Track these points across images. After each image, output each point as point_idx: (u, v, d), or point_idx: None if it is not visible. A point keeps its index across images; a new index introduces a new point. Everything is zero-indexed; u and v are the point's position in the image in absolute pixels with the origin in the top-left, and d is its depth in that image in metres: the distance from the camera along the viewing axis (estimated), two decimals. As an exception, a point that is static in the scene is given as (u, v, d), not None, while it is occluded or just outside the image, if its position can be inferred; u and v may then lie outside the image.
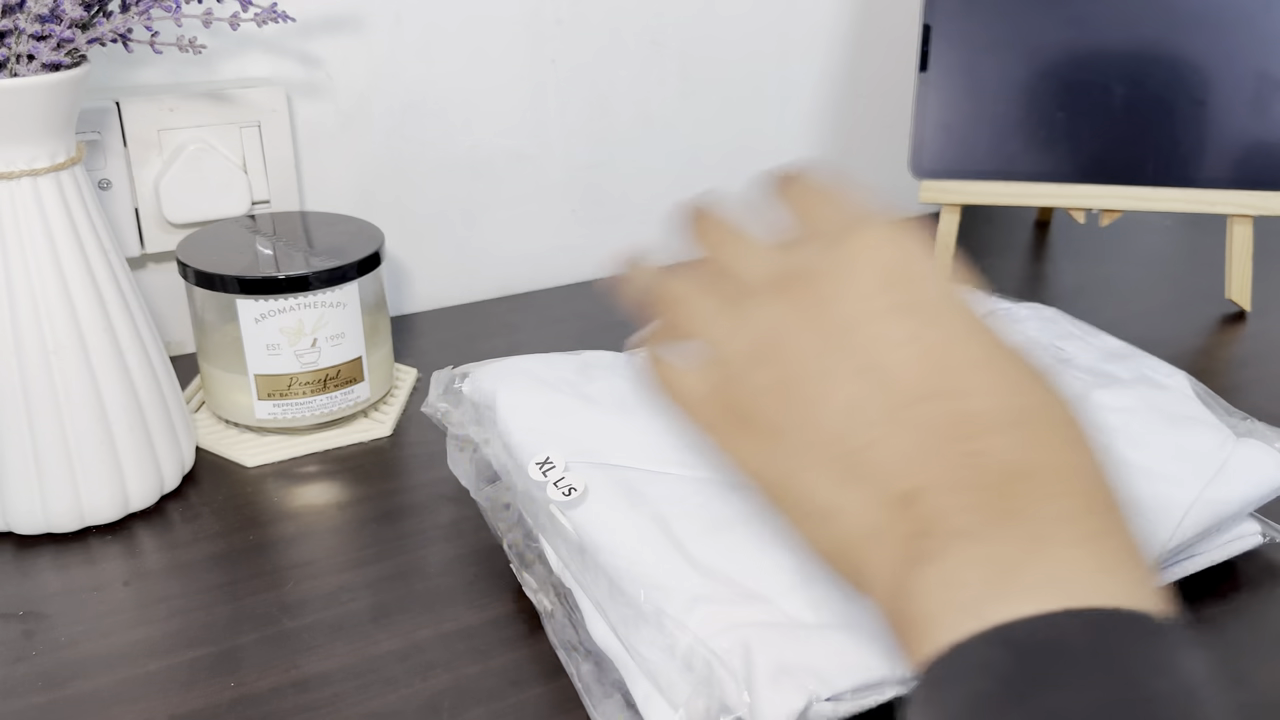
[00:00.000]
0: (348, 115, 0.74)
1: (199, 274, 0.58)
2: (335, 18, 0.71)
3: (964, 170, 0.76)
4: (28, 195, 0.49)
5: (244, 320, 0.58)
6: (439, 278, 0.81)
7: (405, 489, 0.57)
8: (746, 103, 0.88)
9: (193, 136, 0.67)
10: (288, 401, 0.60)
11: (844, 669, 0.37)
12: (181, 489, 0.57)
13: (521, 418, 0.49)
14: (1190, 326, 0.76)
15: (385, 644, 0.46)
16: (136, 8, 0.52)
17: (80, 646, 0.46)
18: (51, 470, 0.51)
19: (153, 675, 0.44)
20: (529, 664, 0.45)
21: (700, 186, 0.89)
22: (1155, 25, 0.73)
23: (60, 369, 0.50)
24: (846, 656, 0.38)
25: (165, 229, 0.68)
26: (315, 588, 0.49)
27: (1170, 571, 0.48)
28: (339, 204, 0.75)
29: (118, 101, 0.65)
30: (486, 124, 0.78)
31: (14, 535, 0.53)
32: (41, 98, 0.48)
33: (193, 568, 0.51)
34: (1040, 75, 0.75)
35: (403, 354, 0.72)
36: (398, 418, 0.64)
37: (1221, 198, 0.74)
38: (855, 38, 0.90)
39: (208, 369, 0.61)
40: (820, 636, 0.38)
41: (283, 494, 0.57)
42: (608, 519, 0.43)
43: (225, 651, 0.45)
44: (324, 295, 0.58)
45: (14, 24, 0.47)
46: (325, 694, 0.43)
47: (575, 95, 0.81)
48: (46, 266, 0.49)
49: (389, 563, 0.51)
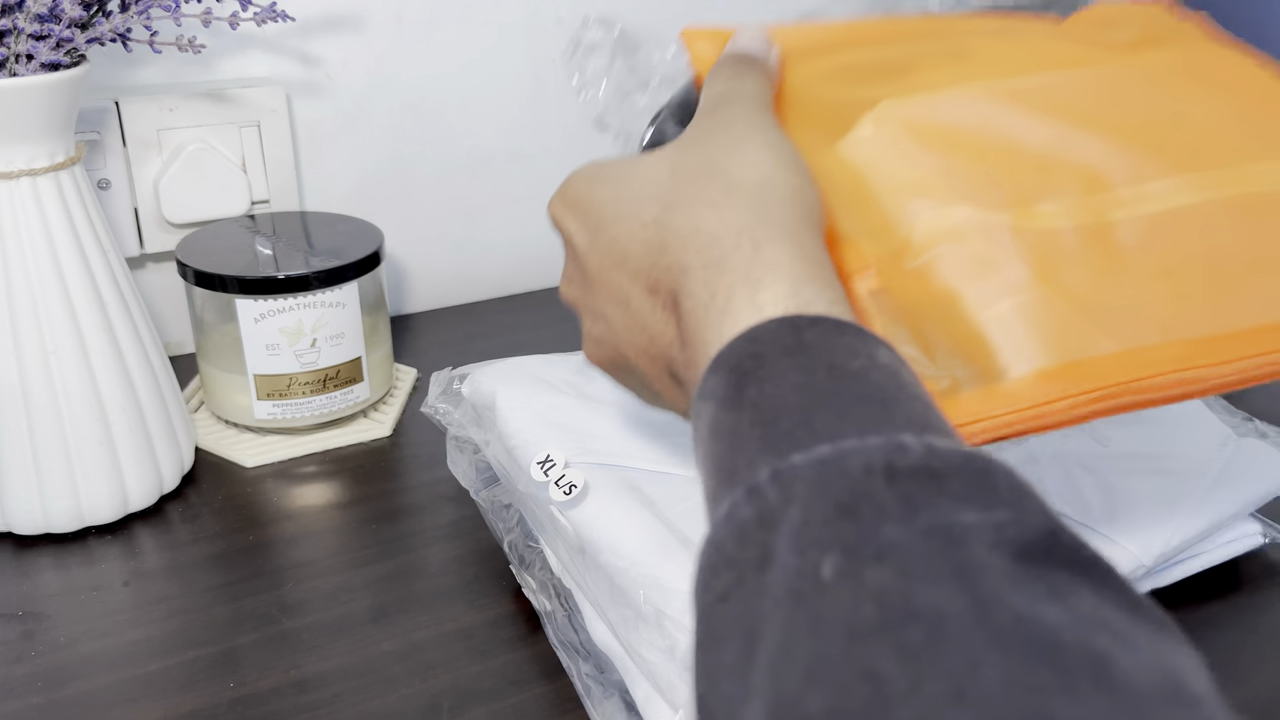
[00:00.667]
0: (347, 115, 0.74)
1: (198, 274, 0.58)
2: (335, 17, 0.71)
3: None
4: (27, 195, 0.49)
5: (243, 320, 0.58)
6: (439, 278, 0.80)
7: (405, 489, 0.57)
8: (747, 102, 0.88)
9: (192, 136, 0.67)
10: (287, 402, 0.60)
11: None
12: (181, 489, 0.57)
13: (521, 418, 0.49)
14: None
15: (385, 644, 0.46)
16: (135, 7, 0.52)
17: (80, 647, 0.46)
18: (51, 470, 0.51)
19: (152, 676, 0.44)
20: (529, 664, 0.45)
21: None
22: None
23: (59, 369, 0.50)
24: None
25: (165, 229, 0.68)
26: (315, 588, 0.49)
27: (1170, 571, 0.48)
28: (339, 204, 0.75)
29: (117, 101, 0.65)
30: (486, 124, 0.78)
31: (13, 535, 0.53)
32: (40, 97, 0.48)
33: (192, 568, 0.51)
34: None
35: (402, 354, 0.72)
36: (397, 418, 0.64)
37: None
38: (855, 37, 0.90)
39: (207, 369, 0.61)
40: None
41: (282, 494, 0.57)
42: (608, 519, 0.43)
43: (225, 652, 0.45)
44: (323, 295, 0.58)
45: (13, 23, 0.47)
46: (325, 694, 0.43)
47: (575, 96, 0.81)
48: (46, 267, 0.49)
49: (389, 563, 0.51)
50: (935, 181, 0.37)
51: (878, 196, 0.37)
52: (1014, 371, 0.33)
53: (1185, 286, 0.36)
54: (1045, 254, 0.36)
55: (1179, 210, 0.38)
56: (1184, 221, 0.37)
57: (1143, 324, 0.35)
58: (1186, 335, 0.35)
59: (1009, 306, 0.34)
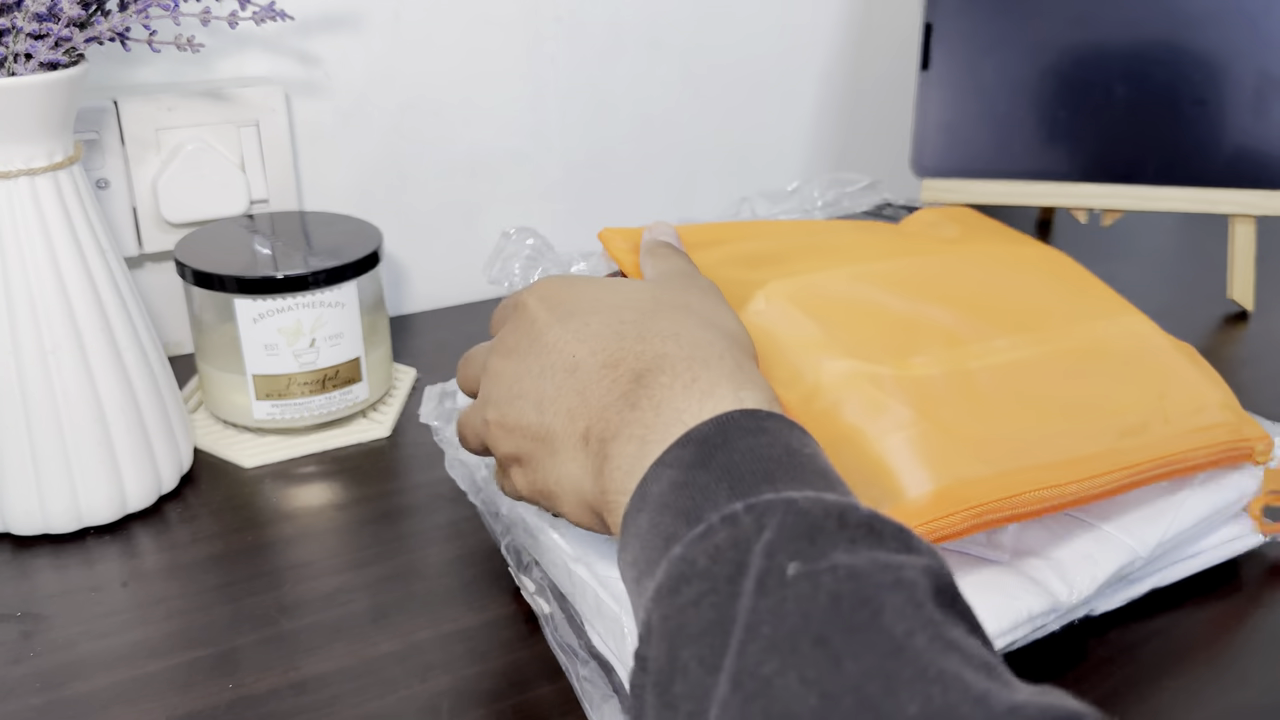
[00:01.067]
0: (346, 114, 0.73)
1: (197, 274, 0.58)
2: (334, 16, 0.71)
3: (966, 169, 0.76)
4: (25, 195, 0.49)
5: (242, 320, 0.58)
6: (438, 277, 0.80)
7: (404, 490, 0.57)
8: (746, 103, 0.88)
9: (191, 136, 0.67)
10: (286, 402, 0.60)
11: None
12: (179, 490, 0.57)
13: None
14: (1192, 326, 0.76)
15: (384, 645, 0.46)
16: (134, 6, 0.51)
17: (78, 647, 0.46)
18: (49, 471, 0.51)
19: (151, 676, 0.44)
20: (528, 665, 0.45)
21: (700, 186, 0.89)
22: (1157, 24, 0.73)
23: (58, 369, 0.50)
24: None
25: (163, 228, 0.68)
26: (314, 589, 0.49)
27: (1170, 571, 0.48)
28: (337, 203, 0.75)
29: (116, 100, 0.64)
30: (486, 123, 0.78)
31: (12, 536, 0.53)
32: (39, 97, 0.48)
33: (191, 569, 0.51)
34: (1042, 74, 0.74)
35: (401, 354, 0.72)
36: (396, 418, 0.64)
37: (1224, 197, 0.74)
38: (856, 37, 0.90)
39: (206, 369, 0.61)
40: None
41: (281, 495, 0.57)
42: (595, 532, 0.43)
43: (224, 653, 0.45)
44: (322, 295, 0.58)
45: (11, 22, 0.47)
46: (324, 695, 0.43)
47: (575, 95, 0.81)
48: (44, 266, 0.49)
49: (388, 564, 0.51)
50: (826, 342, 0.45)
51: (781, 353, 0.45)
52: (912, 491, 0.40)
53: (1033, 421, 0.44)
54: (923, 396, 0.44)
55: (1020, 361, 0.47)
56: (1025, 369, 0.47)
57: (1006, 451, 0.42)
58: (1040, 460, 0.42)
59: (900, 439, 0.41)
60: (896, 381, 0.44)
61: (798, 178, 0.92)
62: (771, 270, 0.50)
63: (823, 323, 0.47)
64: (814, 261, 0.52)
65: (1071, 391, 0.46)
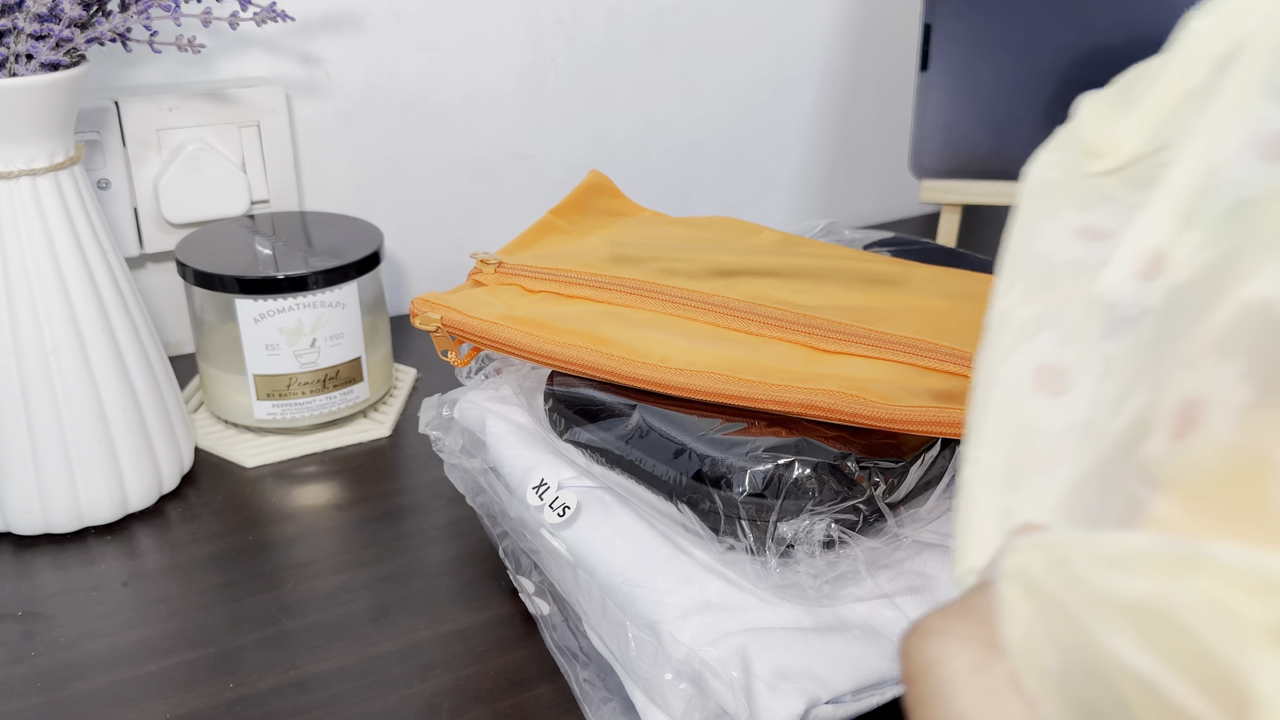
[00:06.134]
0: (347, 115, 0.73)
1: (198, 274, 0.58)
2: (334, 17, 0.71)
3: (965, 170, 0.76)
4: (26, 195, 0.49)
5: (243, 320, 0.58)
6: (438, 278, 0.80)
7: (404, 490, 0.57)
8: (746, 103, 0.88)
9: (192, 136, 0.67)
10: (287, 402, 0.60)
11: (843, 670, 0.37)
12: (180, 489, 0.57)
13: (510, 446, 0.48)
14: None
15: (384, 645, 0.46)
16: (135, 7, 0.52)
17: (79, 647, 0.46)
18: (50, 470, 0.51)
19: (152, 676, 0.44)
20: (528, 665, 0.45)
21: (700, 186, 0.89)
22: (1156, 24, 0.73)
23: (59, 369, 0.50)
24: (845, 658, 0.37)
25: (164, 229, 0.68)
26: (314, 588, 0.49)
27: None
28: (338, 204, 0.75)
29: (117, 101, 0.65)
30: (486, 124, 0.78)
31: (13, 536, 0.53)
32: (40, 97, 0.48)
33: (192, 568, 0.51)
34: (1041, 75, 0.74)
35: (402, 354, 0.72)
36: (397, 418, 0.64)
37: (1222, 197, 0.74)
38: (855, 37, 0.90)
39: (206, 369, 0.61)
40: (818, 639, 0.38)
41: (282, 494, 0.57)
42: (600, 537, 0.42)
43: (224, 652, 0.45)
44: (323, 295, 0.58)
45: (13, 23, 0.47)
46: (324, 695, 0.43)
47: (575, 95, 0.81)
48: (45, 267, 0.49)
49: (388, 563, 0.51)
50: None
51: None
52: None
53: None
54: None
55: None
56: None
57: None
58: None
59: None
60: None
61: (797, 178, 0.92)
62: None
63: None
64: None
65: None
